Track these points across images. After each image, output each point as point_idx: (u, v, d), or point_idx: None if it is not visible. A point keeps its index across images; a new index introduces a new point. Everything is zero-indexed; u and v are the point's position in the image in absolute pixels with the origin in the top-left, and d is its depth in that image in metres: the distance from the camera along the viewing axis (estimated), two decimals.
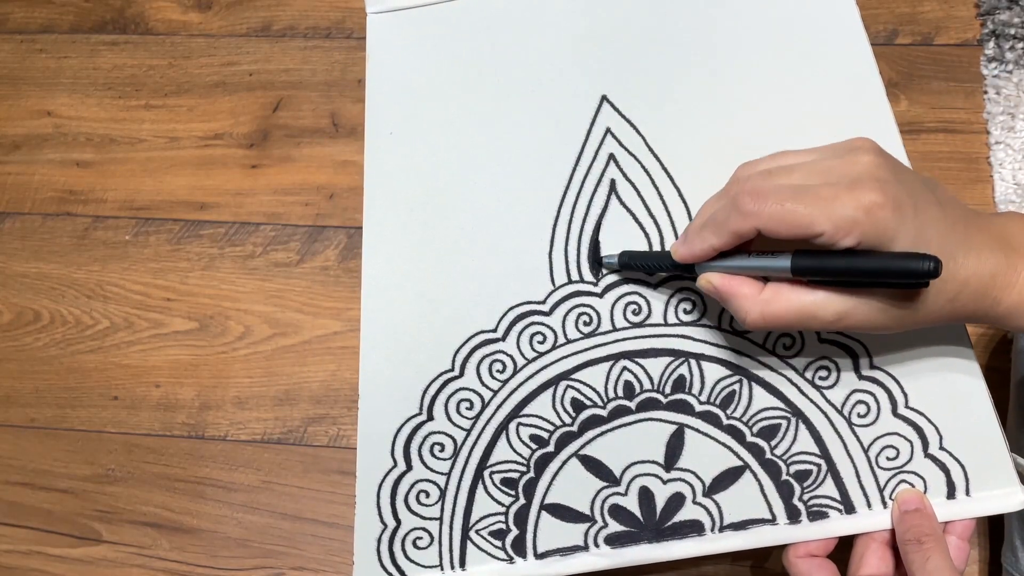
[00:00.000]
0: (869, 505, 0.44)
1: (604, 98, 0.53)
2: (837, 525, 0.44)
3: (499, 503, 0.46)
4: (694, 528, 0.45)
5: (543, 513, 0.45)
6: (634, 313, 0.48)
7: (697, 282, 0.43)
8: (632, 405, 0.47)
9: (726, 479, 0.45)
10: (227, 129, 0.74)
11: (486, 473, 0.46)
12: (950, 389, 0.45)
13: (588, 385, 0.47)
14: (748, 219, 0.39)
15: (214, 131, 0.74)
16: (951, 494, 0.44)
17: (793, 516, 0.44)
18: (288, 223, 0.70)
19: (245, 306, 0.68)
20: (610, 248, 0.49)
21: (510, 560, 0.45)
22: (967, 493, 0.44)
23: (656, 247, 0.49)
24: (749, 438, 0.45)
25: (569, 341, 0.48)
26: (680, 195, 0.50)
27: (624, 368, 0.47)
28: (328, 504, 0.63)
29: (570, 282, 0.49)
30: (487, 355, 0.48)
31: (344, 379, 0.65)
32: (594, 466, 0.46)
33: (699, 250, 0.42)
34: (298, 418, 0.65)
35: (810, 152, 0.42)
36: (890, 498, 0.44)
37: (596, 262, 0.49)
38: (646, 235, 0.50)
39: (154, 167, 0.73)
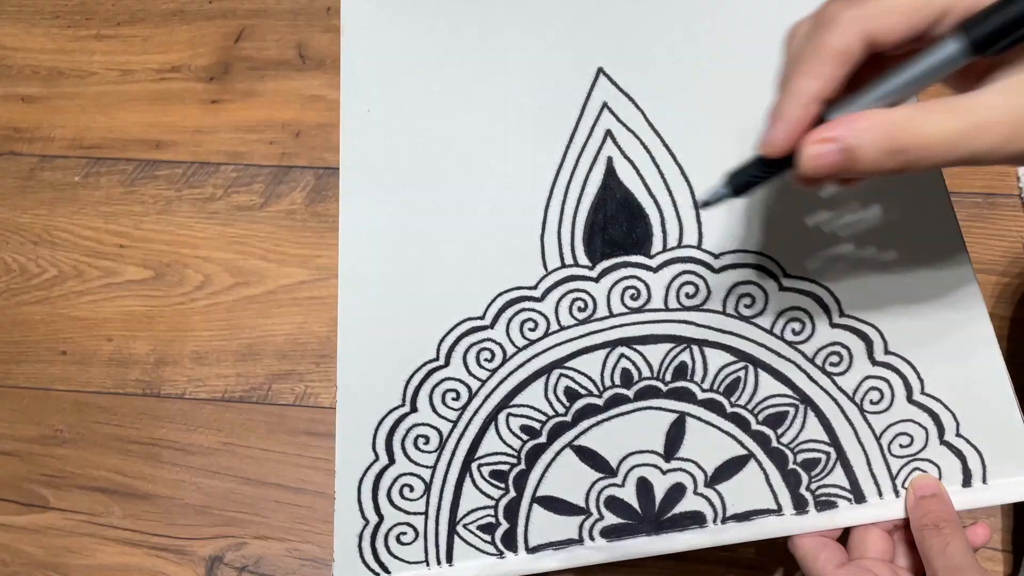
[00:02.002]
0: (880, 494, 0.43)
1: (600, 70, 0.51)
2: (846, 515, 0.43)
3: (488, 496, 0.45)
4: (695, 519, 0.43)
5: (535, 506, 0.44)
6: (632, 298, 0.46)
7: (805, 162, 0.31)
8: (630, 394, 0.45)
9: (729, 469, 0.44)
10: (185, 61, 0.69)
11: (474, 466, 0.45)
12: (968, 373, 0.44)
13: (583, 373, 0.46)
14: (851, 25, 0.29)
15: (171, 63, 0.69)
16: (967, 482, 0.43)
17: (800, 506, 0.43)
18: (251, 163, 0.66)
19: (204, 253, 0.64)
20: (613, 231, 0.47)
21: (500, 554, 0.44)
22: (984, 481, 0.43)
23: (656, 229, 0.47)
24: (754, 426, 0.44)
25: (563, 328, 0.46)
26: (682, 173, 0.48)
27: (622, 355, 0.46)
28: (294, 468, 0.59)
29: (563, 266, 0.47)
30: (474, 343, 0.46)
31: (312, 332, 0.61)
32: (589, 457, 0.45)
33: (798, 111, 0.30)
34: (262, 375, 0.61)
35: None
36: (903, 487, 0.43)
37: (703, 204, 0.39)
38: (645, 216, 0.48)
39: (106, 103, 0.69)
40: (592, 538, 0.43)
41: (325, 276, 0.62)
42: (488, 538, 0.44)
